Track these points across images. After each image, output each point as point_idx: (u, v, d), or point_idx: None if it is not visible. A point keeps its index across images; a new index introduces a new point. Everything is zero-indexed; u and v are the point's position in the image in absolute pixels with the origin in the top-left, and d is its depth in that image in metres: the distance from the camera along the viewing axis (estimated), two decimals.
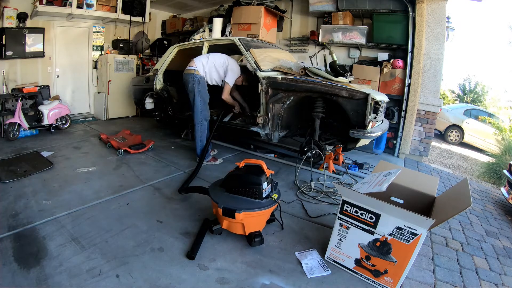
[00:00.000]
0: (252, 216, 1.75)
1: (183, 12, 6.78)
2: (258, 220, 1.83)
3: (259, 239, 1.78)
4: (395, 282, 1.49)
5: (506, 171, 3.66)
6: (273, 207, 1.85)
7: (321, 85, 2.76)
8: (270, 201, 1.83)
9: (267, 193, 1.84)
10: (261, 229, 1.86)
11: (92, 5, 4.81)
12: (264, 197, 1.81)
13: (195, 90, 3.03)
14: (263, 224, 1.92)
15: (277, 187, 2.01)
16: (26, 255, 1.63)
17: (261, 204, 1.79)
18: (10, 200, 2.23)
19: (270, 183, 1.88)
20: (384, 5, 4.04)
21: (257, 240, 1.77)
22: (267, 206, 1.79)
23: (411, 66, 3.96)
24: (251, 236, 1.78)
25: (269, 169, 1.92)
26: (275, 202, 1.85)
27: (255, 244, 1.77)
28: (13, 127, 3.84)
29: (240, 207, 1.72)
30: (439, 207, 1.60)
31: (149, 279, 1.50)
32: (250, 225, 1.78)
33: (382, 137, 4.13)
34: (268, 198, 1.84)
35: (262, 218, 1.85)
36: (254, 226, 1.80)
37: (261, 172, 1.86)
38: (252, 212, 1.74)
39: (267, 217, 1.91)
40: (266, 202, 1.81)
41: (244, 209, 1.71)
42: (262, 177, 1.82)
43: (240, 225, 1.78)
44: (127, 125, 5.06)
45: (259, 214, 1.77)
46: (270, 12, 4.53)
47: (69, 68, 5.17)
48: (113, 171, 2.96)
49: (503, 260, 2.08)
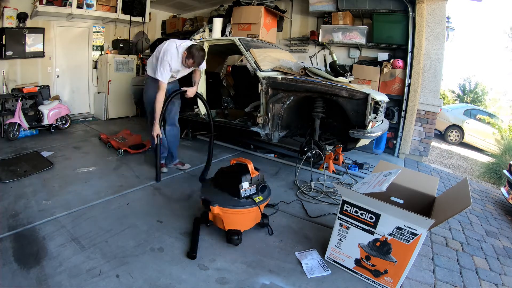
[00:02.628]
0: (228, 213, 1.77)
1: (183, 12, 6.77)
2: (237, 218, 1.81)
3: (235, 238, 1.77)
4: (395, 282, 1.49)
5: (506, 171, 3.66)
6: (251, 209, 1.79)
7: (321, 85, 2.76)
8: (249, 202, 1.79)
9: (248, 193, 1.80)
10: (242, 229, 1.85)
11: (92, 5, 4.80)
12: (243, 196, 1.78)
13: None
14: (246, 225, 1.88)
15: (267, 191, 1.94)
16: (26, 255, 1.63)
17: (238, 203, 1.77)
18: (10, 200, 2.23)
19: (254, 184, 1.84)
20: (384, 5, 4.04)
21: (232, 238, 1.77)
22: (244, 206, 1.76)
23: (411, 66, 3.96)
24: (228, 233, 1.80)
25: (257, 170, 1.88)
26: (255, 205, 1.78)
27: (231, 242, 1.78)
28: (13, 127, 3.83)
29: (216, 201, 1.75)
30: (439, 207, 1.60)
31: (149, 279, 1.50)
32: (228, 221, 1.80)
33: (382, 137, 4.13)
34: (249, 198, 1.80)
35: (241, 218, 1.82)
36: (233, 224, 1.81)
37: (244, 172, 1.83)
38: (227, 209, 1.75)
39: (247, 218, 1.85)
40: (244, 202, 1.78)
41: (219, 203, 1.74)
42: (243, 176, 1.80)
43: (220, 220, 1.81)
44: (127, 125, 5.06)
45: (235, 212, 1.77)
46: (270, 12, 4.53)
47: (69, 68, 5.16)
48: (113, 171, 2.96)
49: (503, 260, 2.08)
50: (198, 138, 4.36)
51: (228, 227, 1.82)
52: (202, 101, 3.06)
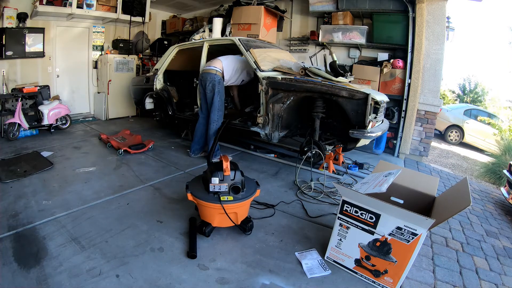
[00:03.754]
0: (199, 203, 1.86)
1: (183, 12, 6.78)
2: (207, 211, 1.86)
3: (203, 228, 1.85)
4: (395, 282, 1.49)
5: (506, 171, 3.66)
6: (215, 205, 1.79)
7: (321, 85, 2.76)
8: (214, 198, 1.81)
9: (216, 189, 1.82)
10: (214, 224, 1.87)
11: (92, 5, 4.80)
12: (211, 191, 1.82)
13: (215, 90, 3.10)
14: (216, 221, 1.87)
15: (241, 194, 1.86)
16: (26, 255, 1.63)
17: (206, 196, 1.83)
18: (10, 200, 2.23)
19: (226, 183, 1.83)
20: (384, 5, 4.04)
21: (202, 228, 1.86)
22: (208, 200, 1.81)
23: (411, 66, 3.96)
24: (201, 222, 1.92)
25: (233, 171, 1.85)
26: (218, 202, 1.78)
27: (199, 231, 1.87)
28: (13, 127, 3.84)
29: (192, 189, 1.88)
30: (439, 207, 1.60)
31: (149, 279, 1.50)
32: (201, 212, 1.92)
33: (382, 137, 4.13)
34: (215, 195, 1.82)
35: (209, 211, 1.84)
36: (205, 216, 1.90)
37: (219, 168, 1.84)
38: (197, 199, 1.85)
39: (214, 213, 1.84)
40: (210, 197, 1.82)
41: (192, 192, 1.87)
42: (215, 172, 1.82)
43: (198, 208, 1.94)
44: (127, 125, 5.06)
45: (203, 204, 1.83)
46: (270, 12, 4.53)
47: (69, 68, 5.16)
48: (113, 171, 2.96)
49: (503, 260, 2.08)
50: None
51: (202, 217, 1.93)
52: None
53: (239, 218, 1.89)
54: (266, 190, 2.65)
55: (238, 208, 1.86)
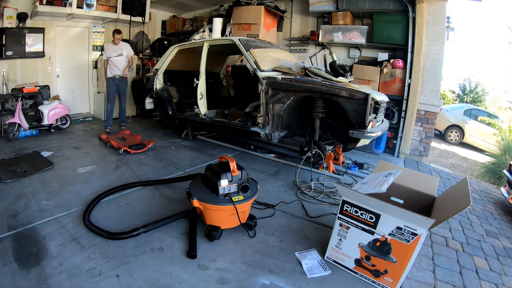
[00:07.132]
0: (208, 208, 1.80)
1: (183, 12, 6.77)
2: (215, 214, 1.83)
3: (214, 233, 1.81)
4: (395, 282, 1.49)
5: (506, 171, 3.65)
6: (228, 207, 1.78)
7: (321, 85, 2.76)
8: (226, 200, 1.80)
9: (226, 191, 1.81)
10: (223, 226, 1.86)
11: (92, 5, 4.81)
12: (221, 193, 1.80)
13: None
14: (226, 223, 1.87)
15: (250, 191, 1.89)
16: (26, 255, 1.63)
17: (216, 199, 1.80)
18: (10, 200, 2.23)
19: (234, 183, 1.84)
20: (384, 5, 4.04)
21: (211, 233, 1.81)
22: (220, 203, 1.78)
23: (411, 66, 3.96)
24: (208, 227, 1.85)
25: (239, 170, 1.86)
26: (231, 203, 1.78)
27: (209, 237, 1.82)
28: (13, 127, 3.84)
29: (197, 195, 1.81)
30: (439, 207, 1.60)
31: (149, 279, 1.50)
32: (208, 217, 1.85)
33: (382, 137, 4.13)
34: (226, 197, 1.81)
35: (219, 214, 1.83)
36: (213, 220, 1.85)
37: (225, 170, 1.84)
38: (205, 204, 1.79)
39: (225, 215, 1.83)
40: (221, 199, 1.80)
41: (198, 198, 1.79)
42: (223, 174, 1.81)
43: (203, 213, 1.87)
44: (127, 125, 5.05)
45: (213, 208, 1.80)
46: (270, 12, 4.53)
47: (69, 68, 5.17)
48: (113, 171, 2.96)
49: (503, 260, 2.08)
50: (198, 138, 4.36)
51: (208, 222, 1.87)
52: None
53: (245, 216, 1.91)
54: (266, 190, 2.65)
55: (246, 207, 1.88)
